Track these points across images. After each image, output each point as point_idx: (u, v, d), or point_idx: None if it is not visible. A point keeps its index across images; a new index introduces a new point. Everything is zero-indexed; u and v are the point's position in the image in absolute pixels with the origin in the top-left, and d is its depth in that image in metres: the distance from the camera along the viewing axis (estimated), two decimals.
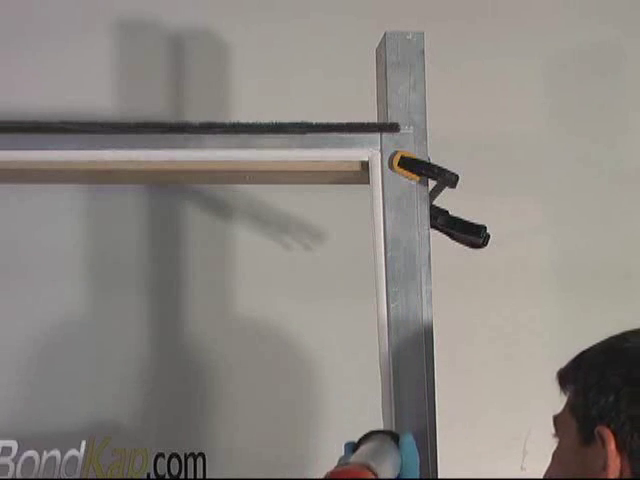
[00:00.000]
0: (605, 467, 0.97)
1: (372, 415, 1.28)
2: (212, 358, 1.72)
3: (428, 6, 1.82)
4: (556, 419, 1.06)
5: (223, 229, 1.77)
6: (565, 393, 1.05)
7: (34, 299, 1.71)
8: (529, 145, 1.83)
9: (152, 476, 1.36)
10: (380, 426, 1.25)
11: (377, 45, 1.35)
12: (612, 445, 0.96)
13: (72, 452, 1.32)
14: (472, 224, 1.34)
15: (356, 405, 1.68)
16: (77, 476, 1.32)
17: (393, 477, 1.01)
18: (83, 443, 1.33)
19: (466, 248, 1.38)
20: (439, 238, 1.35)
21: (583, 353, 1.05)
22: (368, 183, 1.30)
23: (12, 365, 1.68)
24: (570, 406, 1.03)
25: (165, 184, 1.71)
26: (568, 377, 1.05)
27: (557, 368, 1.07)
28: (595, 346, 1.04)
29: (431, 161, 1.30)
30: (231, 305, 1.74)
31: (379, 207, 1.29)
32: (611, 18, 1.88)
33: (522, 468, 1.74)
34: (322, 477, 0.91)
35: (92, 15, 1.77)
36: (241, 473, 1.64)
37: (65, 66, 1.76)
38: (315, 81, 1.78)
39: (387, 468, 0.99)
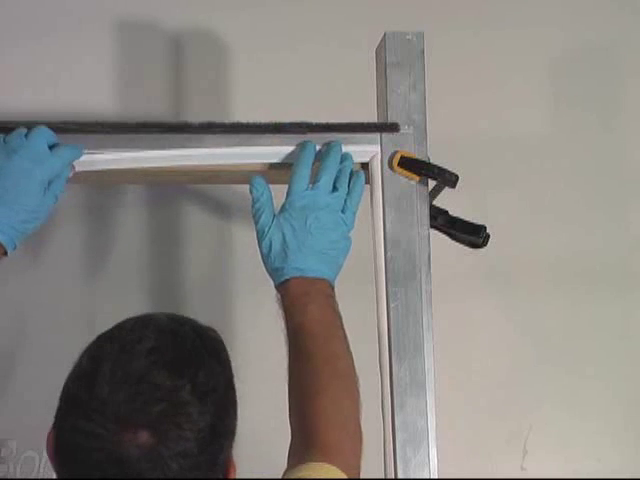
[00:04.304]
0: None
1: (371, 415, 1.28)
2: None
3: (428, 6, 1.82)
4: None
5: (223, 229, 1.77)
6: None
7: (34, 299, 1.71)
8: (529, 145, 1.83)
9: None
10: (380, 426, 1.25)
11: (377, 45, 1.35)
12: None
13: None
14: (472, 224, 1.34)
15: None
16: None
17: None
18: None
19: (466, 248, 1.38)
20: (439, 238, 1.35)
21: None
22: (368, 183, 1.30)
23: (12, 365, 1.68)
24: None
25: (165, 184, 1.71)
26: None
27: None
28: None
29: (431, 161, 1.30)
30: (231, 305, 1.74)
31: (379, 207, 1.28)
32: (613, 17, 1.88)
33: (522, 468, 1.74)
34: None
35: (92, 15, 1.77)
36: (242, 472, 1.64)
37: (65, 66, 1.76)
38: (315, 81, 1.78)
39: None
